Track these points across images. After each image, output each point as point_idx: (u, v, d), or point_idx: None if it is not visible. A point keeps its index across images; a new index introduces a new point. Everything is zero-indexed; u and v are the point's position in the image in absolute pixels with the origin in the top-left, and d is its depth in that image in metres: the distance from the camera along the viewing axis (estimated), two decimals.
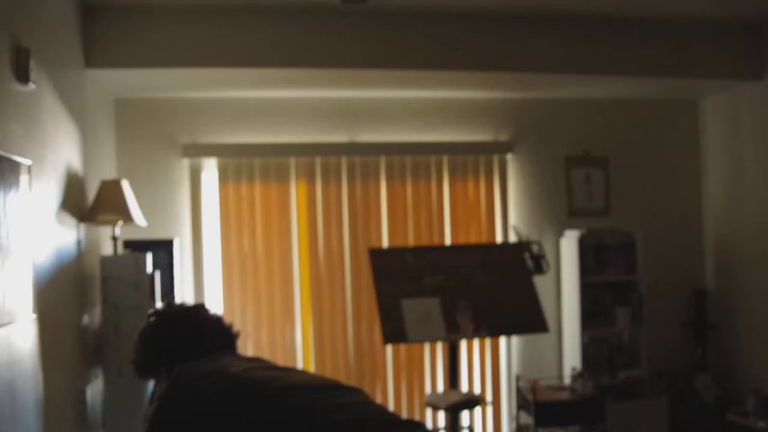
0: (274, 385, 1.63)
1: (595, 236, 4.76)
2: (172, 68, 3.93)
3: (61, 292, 3.21)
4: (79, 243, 3.53)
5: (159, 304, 3.78)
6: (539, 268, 4.47)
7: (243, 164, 4.57)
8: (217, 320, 1.93)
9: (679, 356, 5.05)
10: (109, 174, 4.19)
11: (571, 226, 4.88)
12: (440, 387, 4.72)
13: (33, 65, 2.78)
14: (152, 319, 1.92)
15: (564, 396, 4.31)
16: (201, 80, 4.22)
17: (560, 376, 4.74)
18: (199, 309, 1.95)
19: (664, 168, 5.16)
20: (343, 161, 4.68)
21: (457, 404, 3.95)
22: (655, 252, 4.92)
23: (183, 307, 1.96)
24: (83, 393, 3.44)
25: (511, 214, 4.91)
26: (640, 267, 4.80)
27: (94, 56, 3.80)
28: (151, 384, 3.51)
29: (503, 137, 4.93)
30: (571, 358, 4.79)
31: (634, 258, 4.81)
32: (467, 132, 4.88)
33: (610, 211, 5.06)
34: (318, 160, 4.65)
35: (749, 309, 4.77)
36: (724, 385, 4.84)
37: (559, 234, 4.93)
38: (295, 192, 4.64)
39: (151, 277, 3.65)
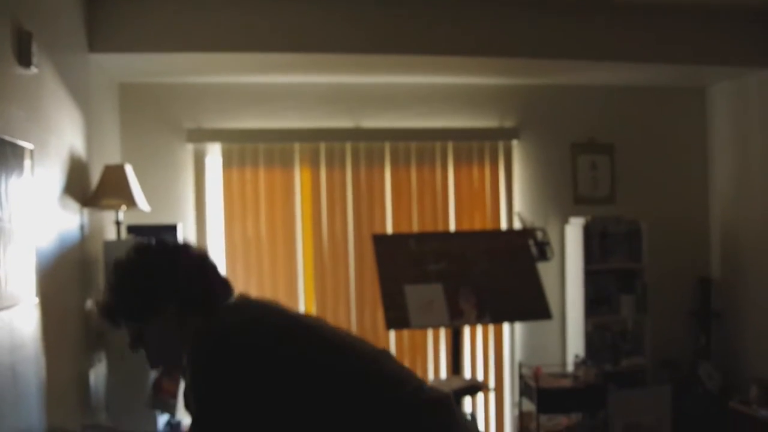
0: (340, 333, 1.66)
1: (600, 224, 4.74)
2: (177, 53, 3.92)
3: (64, 277, 3.22)
4: (82, 227, 3.53)
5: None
6: (543, 255, 4.45)
7: (247, 149, 4.56)
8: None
9: (682, 345, 5.03)
10: (114, 158, 4.19)
11: (577, 214, 4.85)
12: (443, 373, 4.73)
13: (35, 49, 2.77)
14: (148, 251, 1.68)
15: (566, 383, 4.31)
16: (205, 65, 4.20)
17: (563, 364, 4.74)
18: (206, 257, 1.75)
19: (671, 156, 5.13)
20: (348, 147, 4.67)
21: (460, 390, 3.95)
22: (661, 240, 4.89)
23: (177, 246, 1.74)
24: (86, 377, 3.46)
25: (516, 201, 4.90)
26: (645, 255, 4.79)
27: (98, 40, 3.78)
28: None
29: (509, 123, 4.90)
30: (575, 345, 4.79)
31: (639, 246, 4.79)
32: (472, 118, 4.85)
33: (616, 199, 5.03)
34: (322, 146, 4.63)
35: (754, 298, 4.75)
36: (728, 373, 4.83)
37: (564, 221, 4.91)
38: (299, 178, 4.63)
39: None
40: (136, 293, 1.63)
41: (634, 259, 4.80)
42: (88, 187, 3.65)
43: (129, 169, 3.64)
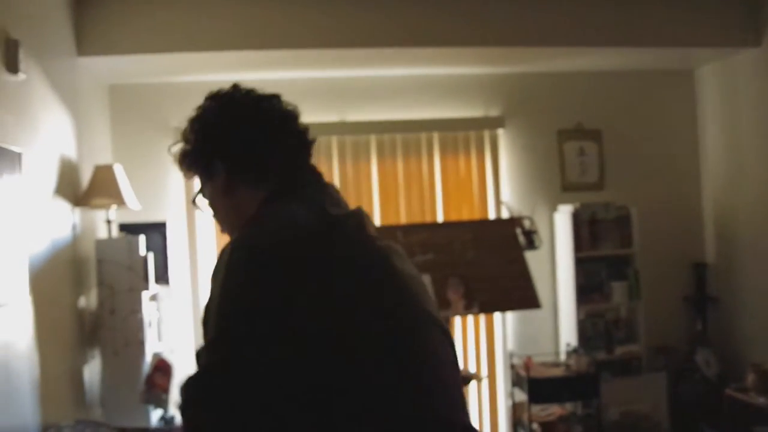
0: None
1: (589, 210, 4.74)
2: (163, 53, 3.99)
3: (57, 275, 3.30)
4: (74, 227, 3.61)
5: (153, 285, 3.86)
6: (531, 244, 4.48)
7: None
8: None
9: (678, 331, 5.02)
10: (105, 159, 4.26)
11: (565, 201, 4.87)
12: None
13: (22, 55, 2.84)
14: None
15: (558, 372, 4.34)
16: (191, 64, 4.27)
17: (556, 352, 4.77)
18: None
19: (661, 140, 5.11)
20: (334, 141, 4.71)
21: None
22: (652, 225, 4.88)
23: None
24: (80, 373, 3.53)
25: (503, 190, 4.92)
26: (637, 241, 4.78)
27: (86, 44, 3.86)
28: (147, 361, 3.61)
29: (494, 112, 4.92)
30: (567, 333, 4.80)
31: (630, 232, 4.79)
32: (457, 108, 4.88)
33: (605, 185, 5.03)
34: None
35: (750, 282, 4.71)
36: (725, 359, 4.79)
37: (553, 209, 4.93)
38: None
39: (145, 259, 3.73)
40: (188, 145, 1.44)
41: (625, 245, 4.79)
42: (79, 188, 3.72)
43: (119, 169, 3.72)
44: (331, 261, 1.27)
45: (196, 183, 1.47)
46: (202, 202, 1.48)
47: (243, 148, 1.39)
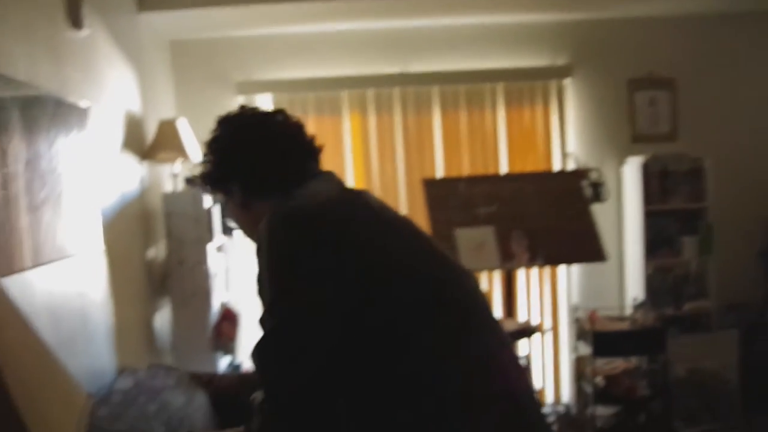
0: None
1: (660, 162, 4.58)
2: (223, 7, 3.96)
3: (127, 227, 3.40)
4: (141, 181, 3.69)
5: (218, 237, 3.93)
6: (598, 197, 4.36)
7: (296, 99, 4.61)
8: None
9: (751, 287, 4.82)
10: (169, 113, 4.33)
11: (635, 153, 4.69)
12: (497, 317, 4.74)
13: (86, 11, 2.88)
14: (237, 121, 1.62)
15: (623, 326, 4.26)
16: (252, 17, 4.24)
17: (621, 307, 4.68)
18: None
19: (738, 88, 4.84)
20: (396, 92, 4.64)
21: (514, 333, 3.97)
22: (727, 179, 4.67)
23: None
24: (151, 321, 3.66)
25: (569, 142, 4.77)
26: (710, 194, 4.60)
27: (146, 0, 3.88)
28: (214, 310, 3.71)
29: (561, 62, 4.74)
30: (634, 288, 4.70)
31: (703, 185, 4.60)
32: (523, 57, 4.72)
33: (677, 136, 4.83)
34: (370, 92, 4.63)
35: None
36: None
37: (621, 161, 4.78)
38: (348, 125, 4.66)
39: (210, 211, 3.80)
40: (207, 165, 1.61)
41: (698, 198, 4.61)
42: (145, 142, 3.79)
43: (183, 123, 3.76)
44: (363, 212, 1.45)
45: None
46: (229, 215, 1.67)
47: (253, 169, 1.54)
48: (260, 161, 1.55)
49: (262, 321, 1.36)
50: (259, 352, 1.34)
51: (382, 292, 1.34)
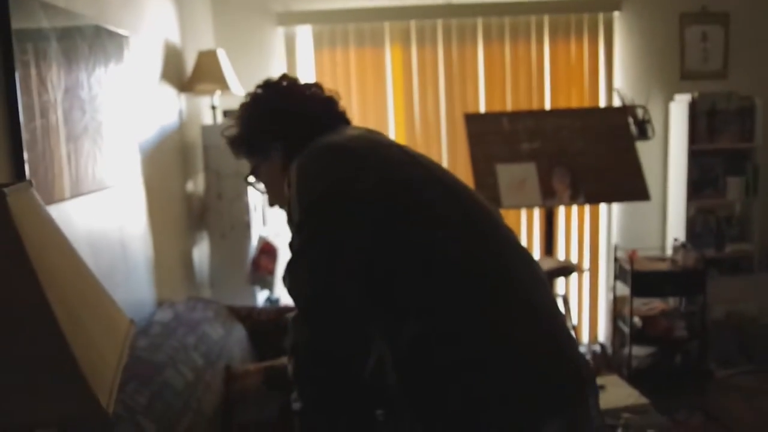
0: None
1: (709, 100, 4.42)
2: None
3: (165, 160, 3.38)
4: (180, 113, 3.66)
5: None
6: (644, 134, 4.25)
7: (337, 30, 4.51)
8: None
9: None
10: (207, 44, 4.26)
11: (683, 90, 4.54)
12: (536, 254, 4.71)
13: None
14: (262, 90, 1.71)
15: (663, 267, 4.22)
16: None
17: (662, 248, 4.61)
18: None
19: None
20: (439, 24, 4.50)
21: (552, 271, 3.95)
22: None
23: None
24: (190, 254, 3.68)
25: (616, 78, 4.62)
26: (759, 134, 4.46)
27: None
28: (253, 244, 3.73)
29: None
30: (675, 229, 4.62)
31: (752, 124, 4.46)
32: None
33: (728, 74, 4.65)
34: (413, 24, 4.50)
35: None
36: None
37: (669, 98, 4.62)
38: (390, 57, 4.55)
39: None
40: (246, 130, 1.68)
41: (746, 138, 4.48)
42: (184, 73, 3.74)
43: (222, 54, 3.70)
44: (384, 147, 1.51)
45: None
46: (254, 179, 1.75)
47: (299, 129, 1.59)
48: (304, 121, 1.61)
49: (291, 243, 1.41)
50: (288, 271, 1.39)
51: (414, 207, 1.39)
